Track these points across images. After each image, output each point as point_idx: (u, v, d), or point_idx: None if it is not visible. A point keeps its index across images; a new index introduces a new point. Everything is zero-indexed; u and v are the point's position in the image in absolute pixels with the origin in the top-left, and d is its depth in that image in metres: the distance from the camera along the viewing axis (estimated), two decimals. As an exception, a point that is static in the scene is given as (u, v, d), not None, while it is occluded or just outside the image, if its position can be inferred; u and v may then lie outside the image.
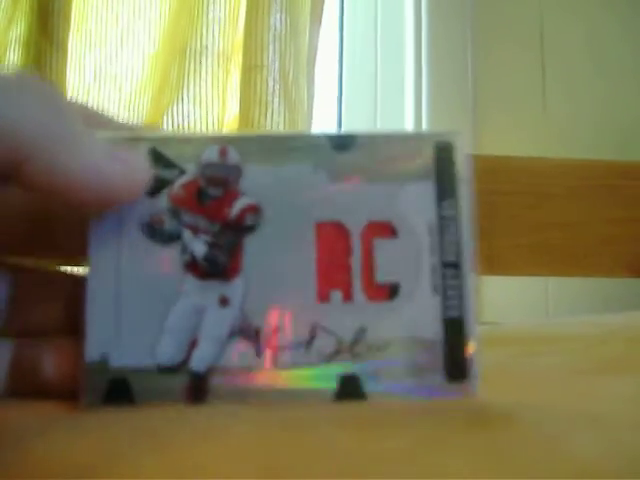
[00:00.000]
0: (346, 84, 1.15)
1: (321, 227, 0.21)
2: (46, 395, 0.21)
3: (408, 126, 1.10)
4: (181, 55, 0.83)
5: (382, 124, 1.13)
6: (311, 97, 0.90)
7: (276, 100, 0.82)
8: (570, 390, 0.23)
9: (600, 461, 0.16)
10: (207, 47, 0.84)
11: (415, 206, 0.21)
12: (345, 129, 1.13)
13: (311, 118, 0.90)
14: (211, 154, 0.22)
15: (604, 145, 1.06)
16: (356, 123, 1.12)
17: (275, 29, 0.84)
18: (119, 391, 0.20)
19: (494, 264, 0.55)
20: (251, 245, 0.21)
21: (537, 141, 1.08)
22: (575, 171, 0.61)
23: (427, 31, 1.11)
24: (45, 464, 0.17)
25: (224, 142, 0.22)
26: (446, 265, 0.21)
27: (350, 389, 0.20)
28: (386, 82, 1.14)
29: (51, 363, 0.22)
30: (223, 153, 0.22)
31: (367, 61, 1.15)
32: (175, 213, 0.21)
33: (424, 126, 1.09)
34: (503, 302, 0.88)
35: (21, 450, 0.17)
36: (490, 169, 0.54)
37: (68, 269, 0.25)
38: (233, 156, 0.22)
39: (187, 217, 0.21)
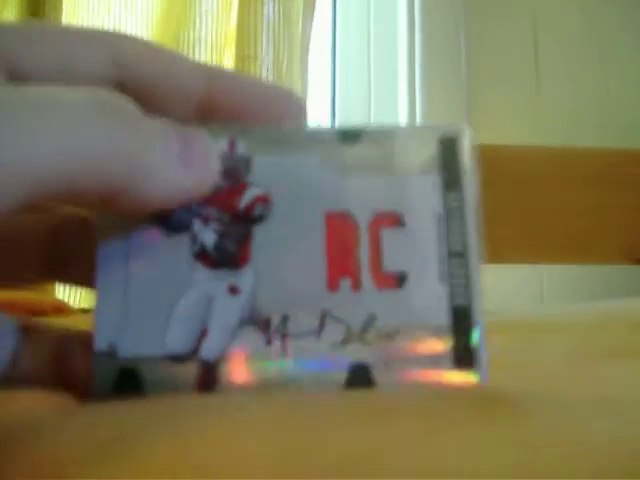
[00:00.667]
0: (339, 72, 1.15)
1: (329, 218, 0.22)
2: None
3: (401, 112, 1.10)
4: (174, 46, 0.83)
5: (375, 112, 1.13)
6: (305, 86, 0.90)
7: (270, 91, 0.82)
8: (575, 376, 0.23)
9: (613, 445, 0.16)
10: (200, 38, 0.84)
11: (421, 197, 0.22)
12: (339, 116, 1.12)
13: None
14: (220, 146, 0.22)
15: (600, 127, 1.06)
16: (350, 110, 1.12)
17: (268, 19, 0.84)
18: (129, 381, 0.20)
19: (490, 252, 0.55)
20: (261, 235, 0.21)
21: (532, 126, 1.08)
22: (571, 159, 0.61)
23: (420, 18, 1.11)
24: (57, 451, 0.17)
25: (233, 134, 0.22)
26: (453, 254, 0.21)
27: (360, 377, 0.21)
28: (379, 69, 1.14)
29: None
30: (232, 145, 0.22)
31: (360, 49, 1.15)
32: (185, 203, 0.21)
33: (417, 108, 1.09)
34: (498, 291, 0.89)
35: (32, 440, 0.17)
36: (485, 158, 0.54)
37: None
38: (242, 148, 0.22)
39: (197, 207, 0.21)
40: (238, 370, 0.21)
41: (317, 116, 1.09)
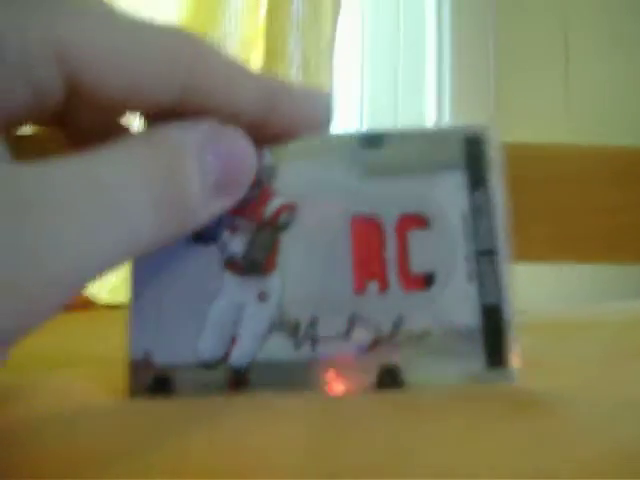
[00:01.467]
0: (367, 71, 1.15)
1: (355, 221, 0.22)
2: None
3: (429, 109, 1.10)
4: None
5: (403, 110, 1.12)
6: (332, 83, 0.90)
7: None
8: (607, 375, 0.23)
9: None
10: (229, 34, 0.84)
11: (447, 197, 0.22)
12: (366, 115, 1.12)
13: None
14: None
15: (633, 124, 1.05)
16: (377, 108, 1.12)
17: (297, 16, 0.84)
18: (162, 386, 0.21)
19: (520, 251, 0.54)
20: (287, 241, 0.22)
21: (562, 123, 1.07)
22: (603, 157, 0.60)
23: (449, 16, 1.11)
24: (94, 448, 0.17)
25: (258, 145, 0.22)
26: (481, 253, 0.21)
27: (389, 378, 0.21)
28: (407, 68, 1.14)
29: None
30: (258, 157, 0.22)
31: (388, 48, 1.15)
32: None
33: (445, 105, 1.08)
34: (527, 291, 0.88)
35: (68, 436, 0.18)
36: (520, 156, 0.54)
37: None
38: (268, 158, 0.22)
39: (225, 218, 0.22)
40: (267, 375, 0.21)
41: (345, 114, 1.09)
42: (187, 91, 0.20)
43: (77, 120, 0.20)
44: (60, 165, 0.17)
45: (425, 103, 1.12)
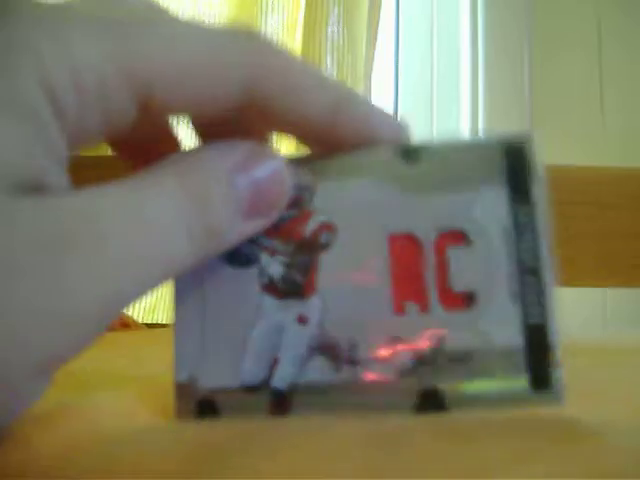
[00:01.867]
0: (402, 94, 1.15)
1: (393, 239, 0.21)
2: None
3: (464, 130, 1.10)
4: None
5: (438, 131, 1.12)
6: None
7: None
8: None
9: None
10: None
11: (489, 213, 0.21)
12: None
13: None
14: None
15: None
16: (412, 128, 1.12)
17: (332, 39, 0.84)
18: (207, 409, 0.21)
19: (566, 276, 0.54)
20: (326, 262, 0.22)
21: (595, 153, 1.06)
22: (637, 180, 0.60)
23: (483, 35, 1.11)
24: (145, 468, 0.17)
25: (296, 164, 0.22)
26: (524, 271, 0.21)
27: (431, 401, 0.20)
28: (442, 91, 1.14)
29: None
30: (295, 175, 0.22)
31: (422, 67, 1.15)
32: (252, 237, 0.21)
33: (480, 126, 1.08)
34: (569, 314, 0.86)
35: (120, 457, 0.18)
36: (552, 178, 0.53)
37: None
38: (305, 177, 0.22)
39: (263, 240, 0.22)
40: (308, 397, 0.21)
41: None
42: (251, 97, 0.20)
43: (130, 134, 0.21)
44: (103, 194, 0.17)
45: (460, 117, 1.12)
